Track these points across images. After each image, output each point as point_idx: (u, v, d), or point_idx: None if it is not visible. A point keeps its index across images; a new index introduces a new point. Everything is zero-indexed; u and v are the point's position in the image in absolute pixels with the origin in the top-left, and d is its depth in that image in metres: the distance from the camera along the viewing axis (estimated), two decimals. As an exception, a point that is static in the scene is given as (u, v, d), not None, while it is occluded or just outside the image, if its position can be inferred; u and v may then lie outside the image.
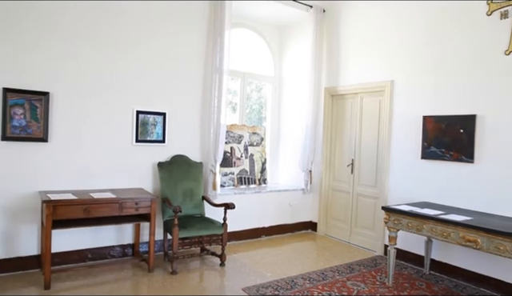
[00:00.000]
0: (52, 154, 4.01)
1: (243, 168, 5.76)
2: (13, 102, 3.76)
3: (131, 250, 4.51)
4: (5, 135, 3.74)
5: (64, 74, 4.04)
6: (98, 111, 4.24)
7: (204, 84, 4.95)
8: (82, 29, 4.11)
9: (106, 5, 4.22)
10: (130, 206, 3.86)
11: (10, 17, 3.75)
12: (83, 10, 4.10)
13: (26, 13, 3.82)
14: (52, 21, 3.95)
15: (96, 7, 4.17)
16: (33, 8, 3.84)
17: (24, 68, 3.83)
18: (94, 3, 4.14)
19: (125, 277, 3.96)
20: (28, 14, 3.83)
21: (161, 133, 4.62)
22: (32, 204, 3.92)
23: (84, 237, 4.20)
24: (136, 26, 4.43)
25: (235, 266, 4.38)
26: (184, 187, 4.55)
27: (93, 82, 4.20)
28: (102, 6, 4.20)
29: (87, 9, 4.12)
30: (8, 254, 3.85)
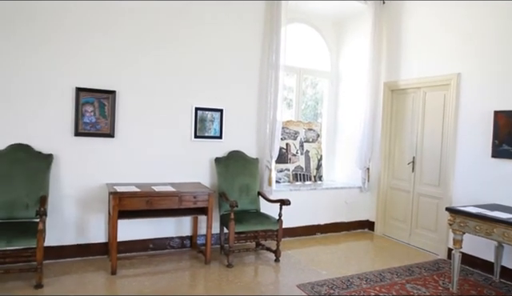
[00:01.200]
0: (118, 148, 4.27)
1: (299, 164, 5.73)
2: (84, 101, 4.06)
3: (189, 242, 4.68)
4: (77, 131, 4.05)
5: (129, 74, 4.27)
6: (159, 108, 4.44)
7: (260, 80, 4.99)
8: (145, 31, 4.32)
9: (165, 6, 4.39)
10: (188, 200, 4.01)
11: (84, 24, 4.04)
12: (145, 13, 4.30)
13: (96, 20, 4.09)
14: (118, 24, 4.19)
15: (156, 10, 4.35)
16: (100, 15, 4.11)
17: (94, 69, 4.12)
18: (154, 7, 4.33)
19: (183, 267, 4.13)
20: (97, 21, 4.10)
21: (218, 129, 4.73)
22: (100, 195, 4.20)
23: (146, 227, 4.43)
24: (194, 25, 4.57)
25: (290, 263, 4.38)
26: (240, 182, 4.63)
27: (155, 80, 4.40)
28: (161, 9, 4.38)
29: (149, 12, 4.32)
30: (80, 240, 4.18)
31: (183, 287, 3.65)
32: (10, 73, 3.80)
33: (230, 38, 4.78)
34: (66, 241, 4.11)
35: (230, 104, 4.81)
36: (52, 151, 3.96)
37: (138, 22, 4.29)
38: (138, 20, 4.28)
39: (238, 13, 4.81)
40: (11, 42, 3.79)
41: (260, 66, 4.98)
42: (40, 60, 3.90)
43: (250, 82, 4.94)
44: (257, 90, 4.99)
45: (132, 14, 4.25)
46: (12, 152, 3.79)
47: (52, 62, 3.95)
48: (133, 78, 4.30)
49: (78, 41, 4.04)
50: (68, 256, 4.11)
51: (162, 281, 3.74)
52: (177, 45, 4.49)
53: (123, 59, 4.24)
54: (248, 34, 4.89)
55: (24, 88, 3.86)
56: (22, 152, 3.82)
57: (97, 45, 4.12)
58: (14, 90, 3.83)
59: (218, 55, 4.72)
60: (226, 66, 4.77)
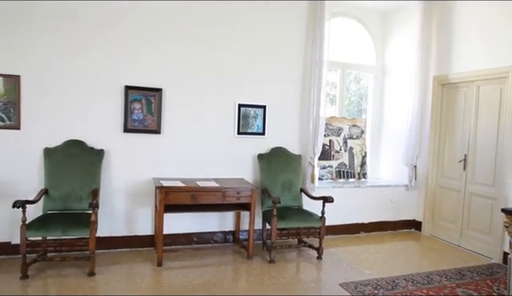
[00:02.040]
0: (164, 144, 4.40)
1: (342, 161, 5.63)
2: (132, 98, 4.22)
3: (232, 237, 4.75)
4: (126, 127, 4.23)
5: (175, 72, 4.39)
6: (203, 105, 4.52)
7: (303, 76, 4.94)
8: (190, 32, 4.41)
9: (208, 6, 4.45)
10: (231, 195, 4.06)
11: (132, 25, 4.19)
12: (190, 14, 4.39)
13: (144, 21, 4.23)
14: (164, 25, 4.31)
15: (199, 10, 4.43)
16: (146, 17, 4.24)
17: (141, 68, 4.27)
18: (197, 7, 4.41)
19: (226, 261, 4.19)
20: (145, 22, 4.24)
21: (261, 125, 4.75)
22: (147, 189, 4.36)
23: (191, 221, 4.55)
24: (236, 24, 4.60)
25: (332, 261, 4.32)
26: (283, 179, 4.62)
27: (199, 78, 4.49)
28: (204, 9, 4.44)
29: (193, 13, 4.40)
30: (129, 232, 4.37)
31: (226, 281, 3.71)
32: (65, 74, 4.03)
33: (272, 35, 4.77)
34: (116, 232, 4.31)
35: (272, 100, 4.81)
36: (103, 147, 4.17)
37: (183, 23, 4.38)
38: (183, 21, 4.38)
39: (279, 9, 4.78)
40: (66, 45, 4.01)
41: (303, 62, 4.93)
42: (92, 61, 4.10)
43: (293, 78, 4.91)
44: (300, 86, 4.95)
45: (176, 15, 4.35)
46: (67, 147, 4.03)
47: (103, 62, 4.14)
48: (178, 76, 4.41)
49: (127, 41, 4.20)
50: (118, 246, 4.31)
51: (205, 274, 3.82)
52: (220, 43, 4.55)
53: (169, 58, 4.36)
54: (291, 31, 4.86)
55: (78, 88, 4.08)
56: (76, 147, 4.05)
57: (145, 45, 4.26)
58: (68, 90, 4.06)
59: (261, 52, 4.73)
60: (269, 62, 4.77)
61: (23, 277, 3.49)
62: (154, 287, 3.51)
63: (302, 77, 4.94)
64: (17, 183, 3.95)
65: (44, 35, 3.94)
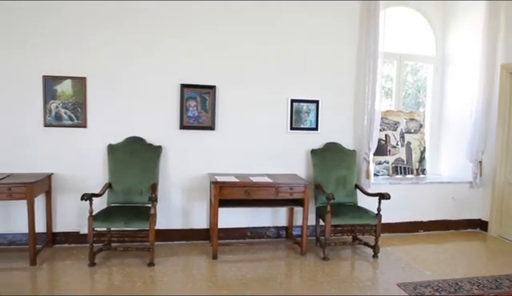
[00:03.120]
0: (218, 140, 4.50)
1: (399, 157, 5.40)
2: (188, 96, 4.36)
3: (285, 232, 4.75)
4: (182, 124, 4.37)
5: (228, 69, 4.46)
6: (256, 101, 4.56)
7: (357, 69, 4.80)
8: (241, 29, 4.45)
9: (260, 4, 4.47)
10: (285, 191, 4.06)
11: (187, 25, 4.32)
12: (241, 13, 4.44)
13: (198, 21, 4.34)
14: (217, 23, 4.39)
15: (250, 8, 4.45)
16: (201, 16, 4.34)
17: (196, 66, 4.38)
18: (249, 7, 4.43)
19: (279, 257, 4.20)
20: (199, 21, 4.35)
21: (314, 120, 4.69)
22: (202, 184, 4.49)
23: (244, 216, 4.61)
24: (287, 18, 4.57)
25: (389, 260, 4.18)
26: (337, 175, 4.54)
27: (252, 74, 4.52)
28: (256, 7, 4.46)
29: (244, 12, 4.44)
30: (185, 225, 4.53)
31: (280, 276, 3.72)
32: (126, 75, 4.25)
33: (325, 28, 4.68)
34: (173, 225, 4.48)
35: (325, 95, 4.73)
36: (161, 143, 4.35)
37: (236, 22, 4.44)
38: (235, 20, 4.43)
39: (332, 1, 4.67)
40: (127, 47, 4.23)
41: (357, 55, 4.79)
42: (151, 61, 4.29)
43: (347, 71, 4.79)
44: (354, 79, 4.81)
45: (230, 13, 4.41)
46: (128, 144, 4.25)
47: (161, 62, 4.31)
48: (231, 72, 4.47)
49: (183, 41, 4.34)
50: (175, 239, 4.49)
51: (259, 268, 3.86)
52: (272, 39, 4.54)
53: (223, 56, 4.43)
54: (344, 22, 4.73)
55: (137, 87, 4.29)
56: (136, 144, 4.26)
57: (199, 43, 4.37)
58: (129, 90, 4.28)
59: (313, 46, 4.66)
60: (322, 56, 4.69)
61: (91, 264, 3.75)
62: (210, 279, 3.60)
63: (355, 70, 4.80)
64: (84, 178, 4.25)
65: (107, 38, 4.18)
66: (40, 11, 4.05)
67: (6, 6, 3.99)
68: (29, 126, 4.14)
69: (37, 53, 4.08)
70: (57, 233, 4.29)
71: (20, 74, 4.08)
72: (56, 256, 4.02)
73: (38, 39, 4.07)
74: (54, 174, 4.20)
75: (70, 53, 4.13)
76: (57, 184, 4.23)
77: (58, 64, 4.12)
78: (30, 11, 4.03)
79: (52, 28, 4.08)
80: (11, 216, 4.18)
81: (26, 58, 4.07)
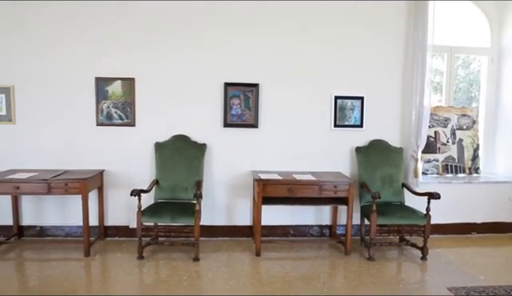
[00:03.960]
0: (261, 138, 4.52)
1: (449, 155, 5.15)
2: (231, 94, 4.41)
3: (328, 231, 4.69)
4: (226, 122, 4.43)
5: (270, 67, 4.46)
6: (299, 98, 4.52)
7: (404, 64, 4.62)
8: (283, 25, 4.43)
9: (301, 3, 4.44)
10: (328, 189, 4.00)
11: (230, 25, 4.37)
12: (283, 13, 4.41)
13: (241, 20, 4.38)
14: (259, 22, 4.40)
15: (292, 7, 4.41)
16: (244, 16, 4.37)
17: (239, 64, 4.42)
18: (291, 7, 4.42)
19: (322, 256, 4.16)
20: (241, 21, 4.38)
21: (358, 117, 4.58)
22: (245, 182, 4.53)
23: (287, 214, 4.61)
24: (330, 12, 4.48)
25: (439, 262, 4.00)
26: (382, 173, 4.41)
27: (295, 71, 4.49)
28: (297, 6, 4.42)
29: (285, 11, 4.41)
30: (229, 222, 4.60)
31: (323, 275, 3.68)
32: (172, 74, 4.38)
33: (369, 21, 4.54)
34: (217, 221, 4.56)
35: (371, 91, 4.60)
36: (205, 141, 4.44)
37: (277, 20, 4.42)
38: (277, 18, 4.41)
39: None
40: (173, 47, 4.35)
41: (404, 49, 4.61)
42: (195, 61, 4.38)
43: (393, 66, 4.62)
44: (400, 74, 4.64)
45: (272, 13, 4.40)
46: (174, 142, 4.37)
47: (205, 61, 4.39)
48: (274, 70, 4.47)
49: (226, 40, 4.39)
50: (219, 235, 4.57)
51: (302, 267, 3.84)
52: (315, 35, 4.48)
53: (266, 54, 4.44)
54: (389, 15, 4.56)
55: (183, 87, 4.40)
56: (181, 142, 4.38)
57: (242, 42, 4.41)
58: (175, 89, 4.40)
59: (357, 41, 4.54)
60: (367, 51, 4.56)
61: (139, 257, 3.91)
62: (253, 275, 3.63)
63: (403, 64, 4.63)
64: (133, 174, 4.43)
65: (154, 39, 4.33)
66: (91, 17, 4.26)
67: (62, 13, 4.24)
68: (83, 125, 4.38)
69: (90, 55, 4.30)
70: (108, 226, 4.52)
71: (75, 76, 4.32)
72: (108, 248, 4.23)
73: (91, 43, 4.29)
74: (105, 170, 4.42)
75: (120, 55, 4.32)
76: (108, 180, 4.45)
77: (109, 66, 4.32)
78: (84, 17, 4.25)
79: (103, 32, 4.29)
80: (67, 210, 4.45)
81: (80, 60, 4.30)
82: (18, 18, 4.24)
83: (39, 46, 4.27)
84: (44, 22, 4.25)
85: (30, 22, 4.24)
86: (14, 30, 4.25)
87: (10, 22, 4.23)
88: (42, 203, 4.46)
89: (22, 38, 4.26)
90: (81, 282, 3.44)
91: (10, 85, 4.31)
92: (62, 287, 3.31)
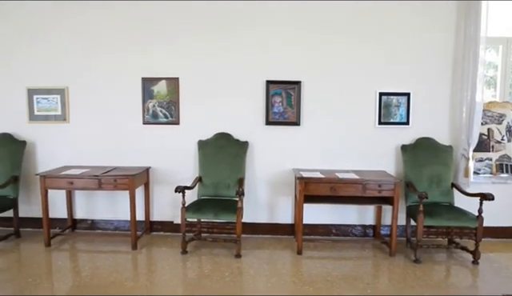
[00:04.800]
0: (303, 136, 4.48)
1: (504, 153, 4.84)
2: (273, 92, 4.41)
3: (372, 231, 4.57)
4: (268, 120, 4.44)
5: (312, 64, 4.41)
6: (342, 95, 4.44)
7: (454, 57, 4.39)
8: (325, 23, 4.36)
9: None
10: (372, 188, 3.90)
11: (272, 22, 4.36)
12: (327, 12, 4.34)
13: (283, 16, 4.35)
14: (301, 17, 4.35)
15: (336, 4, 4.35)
16: (285, 13, 4.34)
17: (281, 62, 4.41)
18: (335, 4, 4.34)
19: (366, 256, 4.06)
20: (284, 17, 4.36)
21: (404, 114, 4.42)
22: (287, 179, 4.52)
23: (329, 213, 4.55)
24: (375, 8, 4.34)
25: (492, 267, 3.78)
26: (430, 172, 4.22)
27: (337, 67, 4.41)
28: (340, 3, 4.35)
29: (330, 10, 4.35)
30: (270, 219, 4.61)
31: (367, 276, 3.59)
32: (214, 73, 4.45)
33: (416, 13, 4.35)
34: (259, 219, 4.59)
35: (418, 87, 4.41)
36: (247, 139, 4.47)
37: (319, 16, 4.35)
38: (319, 15, 4.35)
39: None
40: (215, 46, 4.41)
41: (454, 42, 4.38)
42: (237, 60, 4.42)
43: (442, 60, 4.41)
44: (450, 68, 4.42)
45: (314, 13, 4.34)
46: (217, 140, 4.44)
47: (247, 60, 4.42)
48: (316, 67, 4.41)
49: (267, 37, 4.39)
50: (260, 232, 4.59)
51: (344, 267, 3.77)
52: (358, 29, 4.37)
53: (308, 50, 4.39)
54: (439, 5, 4.35)
55: (225, 85, 4.46)
56: (224, 140, 4.44)
57: (284, 40, 4.39)
58: (217, 88, 4.47)
59: (404, 34, 4.37)
60: (414, 45, 4.38)
61: (183, 252, 4.02)
62: (294, 274, 3.62)
63: (452, 58, 4.40)
64: (177, 171, 4.56)
65: (196, 39, 4.42)
66: (138, 20, 4.42)
67: (109, 17, 4.43)
68: (131, 124, 4.57)
69: (136, 57, 4.47)
70: (154, 221, 4.68)
71: (123, 77, 4.51)
72: (153, 242, 4.38)
73: (138, 45, 4.45)
74: (151, 167, 4.58)
75: (165, 55, 4.45)
76: (154, 176, 4.61)
77: (155, 66, 4.47)
78: (131, 20, 4.43)
79: (148, 34, 4.43)
80: (116, 205, 4.66)
81: (128, 62, 4.48)
82: (71, 24, 4.48)
83: (90, 49, 4.50)
84: (94, 26, 4.46)
85: (81, 27, 4.48)
86: (67, 35, 4.50)
87: (63, 28, 4.49)
88: (93, 198, 4.71)
89: (75, 42, 4.50)
90: (128, 274, 3.59)
91: (65, 86, 4.57)
92: (112, 278, 3.47)
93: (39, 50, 4.55)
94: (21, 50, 4.57)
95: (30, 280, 3.43)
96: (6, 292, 3.23)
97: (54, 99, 4.60)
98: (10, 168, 4.44)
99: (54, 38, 4.52)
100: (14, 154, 4.50)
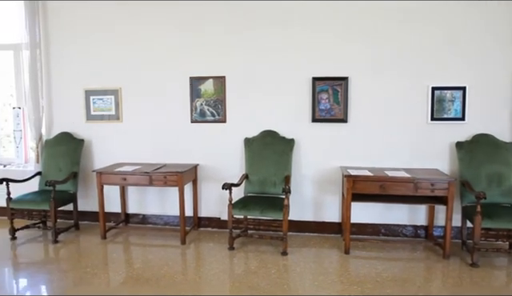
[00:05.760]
0: (350, 133, 4.38)
1: None
2: (320, 89, 4.35)
3: (424, 232, 4.38)
4: (314, 117, 4.39)
5: (360, 59, 4.29)
6: (391, 91, 4.28)
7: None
8: (375, 17, 4.22)
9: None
10: (425, 187, 3.74)
11: (316, 17, 4.30)
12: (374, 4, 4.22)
13: (328, 12, 4.28)
14: (347, 14, 4.26)
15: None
16: (332, 10, 4.26)
17: (327, 57, 4.34)
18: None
19: (417, 258, 3.90)
20: (328, 12, 4.28)
21: (459, 109, 4.18)
22: (334, 177, 4.44)
23: (378, 212, 4.41)
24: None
25: (560, 274, 3.50)
26: (489, 171, 3.96)
27: (386, 62, 4.26)
28: None
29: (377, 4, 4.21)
30: (316, 217, 4.56)
31: (418, 278, 3.45)
32: (259, 71, 4.47)
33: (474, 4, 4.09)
34: (305, 217, 4.56)
35: (474, 80, 4.15)
36: (293, 136, 4.45)
37: (366, 11, 4.22)
38: (366, 9, 4.22)
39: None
40: (259, 45, 4.43)
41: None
42: (282, 57, 4.41)
43: (502, 50, 4.09)
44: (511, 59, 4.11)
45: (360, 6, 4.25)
46: (263, 137, 4.46)
47: (292, 57, 4.39)
48: (364, 62, 4.29)
49: (313, 34, 4.33)
50: (306, 230, 4.56)
51: (394, 268, 3.65)
52: (408, 20, 4.18)
53: (355, 45, 4.28)
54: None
55: (270, 83, 4.47)
56: (270, 137, 4.45)
57: (330, 35, 4.31)
58: (263, 86, 4.48)
59: (459, 25, 4.12)
60: (469, 35, 4.12)
61: (230, 248, 4.08)
62: (342, 273, 3.55)
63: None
64: (224, 168, 4.64)
65: (242, 38, 4.46)
66: (185, 21, 4.54)
67: (159, 18, 4.59)
68: (179, 122, 4.71)
69: (184, 57, 4.60)
70: (201, 217, 4.80)
71: (172, 77, 4.66)
72: (201, 238, 4.49)
73: (185, 45, 4.58)
74: (199, 164, 4.69)
75: (212, 54, 4.54)
76: (201, 173, 4.72)
77: (202, 65, 4.57)
78: (179, 21, 4.56)
79: (196, 34, 4.54)
80: (166, 200, 4.83)
81: (177, 61, 4.62)
82: (123, 28, 4.70)
83: (142, 50, 4.69)
84: (145, 29, 4.65)
85: (132, 30, 4.68)
86: (119, 39, 4.73)
87: (116, 32, 4.73)
88: (144, 193, 4.90)
89: (127, 44, 4.72)
90: (178, 268, 3.71)
91: (118, 87, 4.80)
92: (163, 271, 3.60)
93: (95, 54, 4.82)
94: (78, 54, 4.87)
95: (89, 270, 3.64)
96: (68, 280, 3.45)
97: (109, 100, 4.84)
98: (71, 165, 4.74)
99: (107, 42, 4.77)
100: (74, 151, 4.80)
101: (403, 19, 4.19)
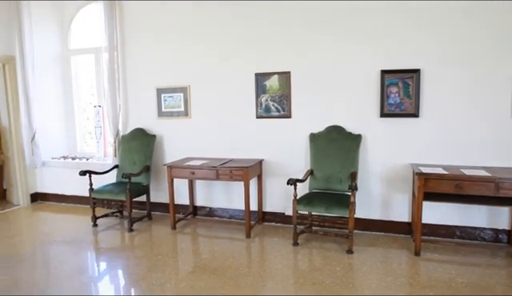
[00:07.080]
0: (422, 128, 4.13)
1: None
2: (389, 82, 4.16)
3: (506, 237, 4.01)
4: (382, 112, 4.21)
5: (433, 49, 4.01)
6: (468, 81, 3.94)
7: None
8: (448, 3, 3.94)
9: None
10: (508, 187, 3.41)
11: (383, 7, 4.12)
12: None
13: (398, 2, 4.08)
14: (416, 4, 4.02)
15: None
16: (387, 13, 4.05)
17: (396, 49, 4.11)
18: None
19: (498, 264, 3.59)
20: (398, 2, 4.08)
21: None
22: (404, 175, 4.23)
23: (452, 213, 4.13)
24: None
25: None
26: None
27: (462, 52, 3.92)
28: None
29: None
30: (384, 216, 4.39)
31: (499, 287, 3.17)
32: (324, 67, 4.39)
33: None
34: (372, 215, 4.41)
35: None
36: (360, 131, 4.31)
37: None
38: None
39: None
40: (323, 41, 4.35)
41: None
42: (346, 52, 4.28)
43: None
44: None
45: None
46: (328, 133, 4.38)
47: (359, 49, 4.24)
48: (438, 52, 3.98)
49: (380, 25, 4.15)
50: (373, 229, 4.41)
51: (470, 274, 3.40)
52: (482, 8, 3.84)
53: (427, 35, 4.01)
54: None
55: (335, 78, 4.36)
56: (335, 133, 4.36)
57: (400, 25, 4.09)
58: (328, 81, 4.40)
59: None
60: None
61: (294, 244, 4.08)
62: (412, 276, 3.38)
63: None
64: (288, 164, 4.65)
65: (307, 33, 4.41)
66: (254, 18, 4.60)
67: (225, 17, 4.69)
68: (245, 118, 4.79)
69: (250, 54, 4.66)
70: (266, 212, 4.85)
71: (238, 73, 4.75)
72: (265, 232, 4.54)
73: (251, 42, 4.64)
74: (264, 159, 4.74)
75: (276, 51, 4.55)
76: (266, 169, 4.77)
77: (267, 62, 4.60)
78: (246, 19, 4.63)
79: (262, 30, 4.58)
80: (231, 194, 4.96)
81: (243, 58, 4.71)
82: (192, 28, 4.88)
83: (208, 48, 4.84)
84: (211, 28, 4.79)
85: (200, 30, 4.84)
86: (188, 38, 4.92)
87: (185, 31, 4.92)
88: (211, 187, 5.08)
89: (195, 43, 4.89)
90: (243, 261, 3.79)
91: (187, 85, 5.00)
92: (228, 262, 3.71)
93: (165, 53, 5.08)
94: (150, 54, 5.16)
95: (160, 257, 3.87)
96: (142, 266, 3.69)
97: (178, 97, 5.07)
98: (144, 158, 5.05)
99: (177, 41, 4.99)
100: (147, 146, 5.10)
101: (479, 5, 3.85)
